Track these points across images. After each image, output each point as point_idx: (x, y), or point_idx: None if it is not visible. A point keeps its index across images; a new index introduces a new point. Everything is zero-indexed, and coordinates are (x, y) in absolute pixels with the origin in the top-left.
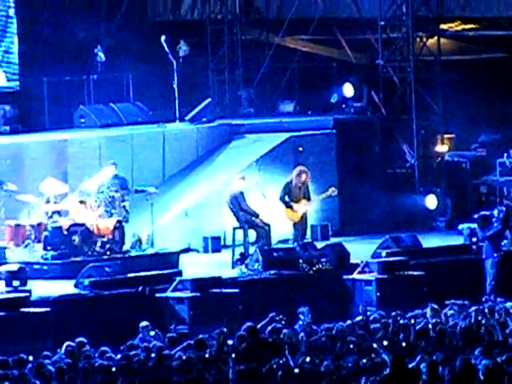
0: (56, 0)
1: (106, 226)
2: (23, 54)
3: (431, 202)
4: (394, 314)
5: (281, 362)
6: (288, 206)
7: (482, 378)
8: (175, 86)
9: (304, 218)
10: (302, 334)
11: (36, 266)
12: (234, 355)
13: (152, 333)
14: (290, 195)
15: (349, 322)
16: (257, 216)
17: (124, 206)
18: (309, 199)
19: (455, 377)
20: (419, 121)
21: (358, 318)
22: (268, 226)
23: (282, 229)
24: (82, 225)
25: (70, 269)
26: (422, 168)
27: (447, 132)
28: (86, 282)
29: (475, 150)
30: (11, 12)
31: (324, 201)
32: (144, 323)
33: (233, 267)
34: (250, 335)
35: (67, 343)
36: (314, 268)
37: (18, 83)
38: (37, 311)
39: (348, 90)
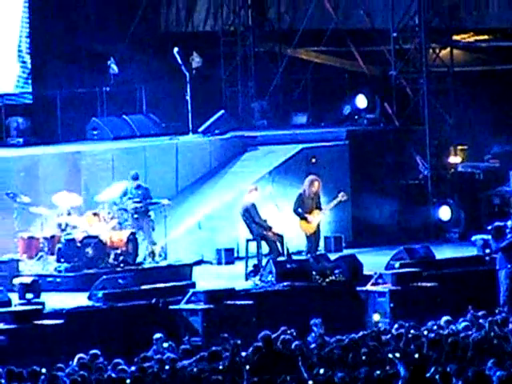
0: (69, 12)
1: (119, 238)
2: (36, 67)
3: (444, 213)
4: (407, 325)
5: (294, 374)
6: (302, 217)
7: None
8: (188, 97)
9: (317, 229)
10: (313, 345)
11: (49, 279)
12: (248, 367)
13: (165, 344)
14: (304, 207)
15: (361, 333)
16: (269, 229)
17: (149, 216)
18: (320, 209)
19: None
20: (432, 132)
21: (371, 330)
22: (281, 237)
23: (294, 240)
24: (96, 237)
25: (83, 281)
26: (435, 179)
27: (460, 143)
28: (100, 294)
29: (488, 161)
30: (25, 24)
31: (337, 212)
32: (158, 335)
33: (246, 279)
34: (265, 345)
35: (79, 355)
36: (328, 280)
37: (30, 95)
38: (50, 323)
39: (361, 101)
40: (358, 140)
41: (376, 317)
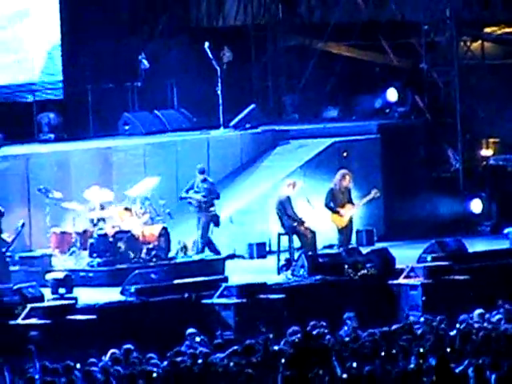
0: (100, 8)
1: (151, 232)
2: (67, 62)
3: (476, 206)
4: (439, 318)
5: (327, 368)
6: (334, 211)
7: None
8: (219, 92)
9: (350, 223)
10: (347, 339)
11: (82, 274)
12: (283, 360)
13: (198, 339)
14: (335, 201)
15: (394, 326)
16: (302, 223)
17: (210, 212)
18: (353, 203)
19: (502, 381)
20: (464, 125)
21: (403, 323)
22: (313, 233)
23: (326, 234)
24: (128, 232)
25: (115, 276)
26: (467, 172)
27: (492, 136)
28: (132, 288)
29: None
30: (55, 21)
31: (369, 206)
32: (191, 330)
33: (278, 273)
34: (305, 339)
35: (112, 350)
36: (360, 273)
37: (61, 90)
38: (83, 318)
39: (392, 94)
40: (390, 133)
41: None
